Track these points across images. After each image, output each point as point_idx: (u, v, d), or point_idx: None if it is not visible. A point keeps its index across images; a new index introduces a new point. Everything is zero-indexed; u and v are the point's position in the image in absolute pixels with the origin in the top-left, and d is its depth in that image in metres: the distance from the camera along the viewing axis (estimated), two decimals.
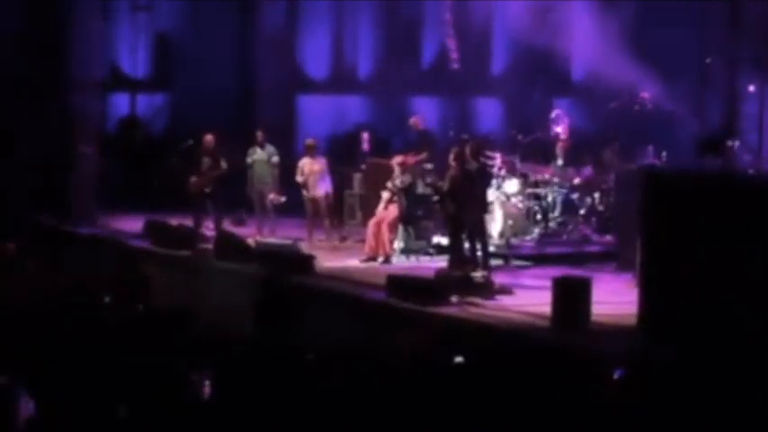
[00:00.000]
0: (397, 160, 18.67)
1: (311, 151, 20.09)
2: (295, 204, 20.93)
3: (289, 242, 18.63)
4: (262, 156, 20.57)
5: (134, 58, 27.26)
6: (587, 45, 21.97)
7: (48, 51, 23.20)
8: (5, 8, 23.57)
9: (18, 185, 22.50)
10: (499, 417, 12.37)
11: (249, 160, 20.63)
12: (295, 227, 20.60)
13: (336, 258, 18.24)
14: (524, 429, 11.85)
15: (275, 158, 20.55)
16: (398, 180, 18.29)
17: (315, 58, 26.79)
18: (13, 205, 22.13)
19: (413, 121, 20.58)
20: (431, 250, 18.49)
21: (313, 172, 19.89)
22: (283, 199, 20.38)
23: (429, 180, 18.09)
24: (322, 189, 19.90)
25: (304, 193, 19.94)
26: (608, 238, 18.47)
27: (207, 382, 11.95)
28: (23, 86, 23.29)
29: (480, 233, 16.88)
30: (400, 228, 18.33)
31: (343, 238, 20.09)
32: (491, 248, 17.25)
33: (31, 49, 23.49)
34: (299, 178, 19.97)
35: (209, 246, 18.83)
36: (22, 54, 23.41)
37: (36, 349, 12.70)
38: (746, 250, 11.61)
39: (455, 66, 23.00)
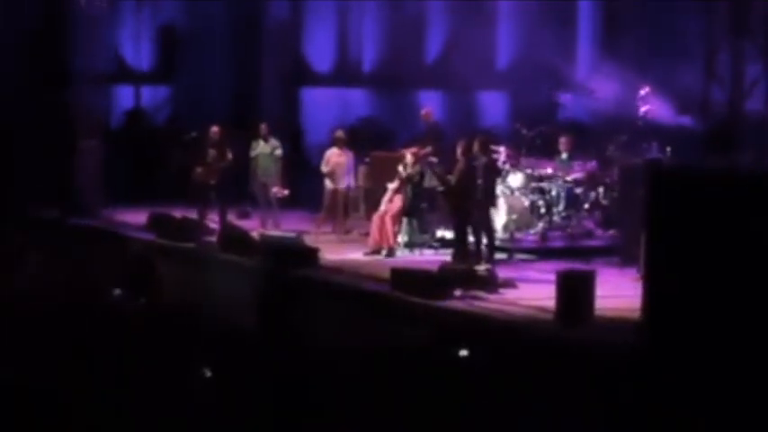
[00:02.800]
0: (411, 150, 18.69)
1: (340, 144, 20.02)
2: (298, 197, 20.95)
3: (293, 235, 18.64)
4: (265, 149, 20.55)
5: (138, 50, 27.31)
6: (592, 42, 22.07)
7: (52, 44, 23.22)
8: (10, 2, 23.59)
9: (22, 178, 22.51)
10: (503, 410, 12.40)
11: (252, 153, 20.62)
12: (299, 219, 20.62)
13: (340, 251, 18.24)
14: (527, 422, 11.88)
15: (279, 151, 20.54)
16: (409, 168, 18.27)
17: (319, 51, 26.80)
18: (17, 198, 22.14)
19: (425, 112, 20.59)
20: (435, 243, 18.50)
21: (340, 164, 19.83)
22: (286, 192, 20.37)
23: (438, 170, 18.02)
24: (345, 182, 19.86)
25: (327, 184, 19.83)
26: (612, 232, 18.46)
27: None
28: (28, 79, 23.30)
29: (487, 227, 16.91)
30: (404, 221, 18.33)
31: (347, 231, 20.09)
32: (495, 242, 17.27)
33: (35, 42, 23.51)
34: (325, 168, 19.89)
35: (214, 238, 18.84)
36: (27, 47, 23.42)
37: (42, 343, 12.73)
38: (752, 245, 11.61)
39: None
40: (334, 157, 19.87)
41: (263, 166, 20.51)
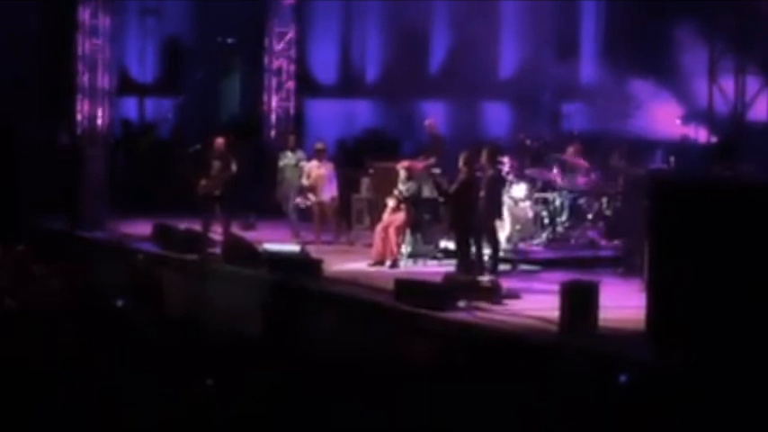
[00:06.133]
0: (403, 165, 18.65)
1: (319, 155, 20.13)
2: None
3: (297, 246, 18.65)
4: (292, 160, 20.66)
5: (142, 62, 27.36)
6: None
7: (57, 56, 23.26)
8: (16, 13, 23.65)
9: (27, 189, 22.54)
10: (505, 420, 12.40)
11: (281, 164, 20.72)
12: (303, 230, 20.62)
13: (344, 262, 18.25)
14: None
15: (303, 163, 20.56)
16: (404, 188, 18.26)
17: (323, 62, 26.84)
18: (22, 209, 22.17)
19: (428, 123, 20.61)
20: (438, 254, 18.48)
21: (320, 176, 19.92)
22: (309, 203, 20.32)
23: (439, 180, 18.03)
24: (328, 193, 19.91)
25: (310, 196, 19.96)
26: (615, 242, 18.45)
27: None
28: (33, 90, 23.35)
29: (492, 238, 16.91)
30: (408, 232, 18.32)
31: (351, 242, 20.09)
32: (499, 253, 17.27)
33: (40, 53, 23.56)
34: (306, 181, 20.02)
35: (218, 250, 18.85)
36: (32, 58, 23.48)
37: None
38: (755, 256, 11.62)
39: None
40: (315, 170, 19.97)
41: (289, 177, 20.59)
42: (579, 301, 13.61)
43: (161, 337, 14.38)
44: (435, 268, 17.62)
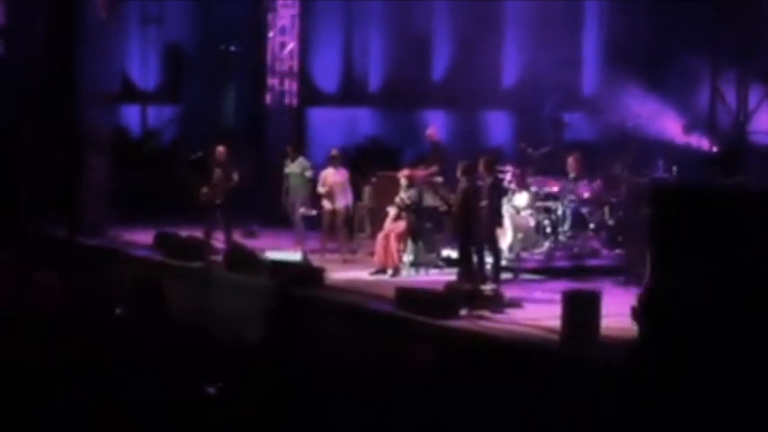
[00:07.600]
0: (403, 173, 18.62)
1: (335, 162, 20.02)
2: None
3: (299, 254, 18.66)
4: (294, 169, 20.58)
5: (145, 70, 27.37)
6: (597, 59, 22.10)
7: (60, 63, 23.29)
8: (19, 22, 23.68)
9: (28, 196, 22.55)
10: (506, 428, 12.40)
11: (285, 171, 20.70)
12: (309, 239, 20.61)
13: (346, 271, 18.25)
14: None
15: (309, 172, 20.48)
16: (405, 196, 18.24)
17: (325, 71, 26.85)
18: (23, 216, 22.17)
19: (429, 132, 20.59)
20: (440, 263, 18.49)
21: (336, 183, 19.82)
22: (314, 212, 20.28)
23: (441, 190, 18.04)
24: (343, 201, 19.82)
25: (325, 204, 19.83)
26: (618, 252, 18.44)
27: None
28: (36, 98, 23.36)
29: (493, 246, 16.91)
30: (409, 240, 18.31)
31: (353, 251, 20.08)
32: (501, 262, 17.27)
33: (43, 61, 23.57)
34: (321, 189, 19.89)
35: (220, 257, 18.85)
36: (35, 66, 23.49)
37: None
38: (757, 265, 11.61)
39: None
40: (330, 177, 19.89)
41: (292, 186, 20.56)
42: (581, 309, 13.61)
43: (162, 342, 14.37)
44: (437, 277, 17.63)
